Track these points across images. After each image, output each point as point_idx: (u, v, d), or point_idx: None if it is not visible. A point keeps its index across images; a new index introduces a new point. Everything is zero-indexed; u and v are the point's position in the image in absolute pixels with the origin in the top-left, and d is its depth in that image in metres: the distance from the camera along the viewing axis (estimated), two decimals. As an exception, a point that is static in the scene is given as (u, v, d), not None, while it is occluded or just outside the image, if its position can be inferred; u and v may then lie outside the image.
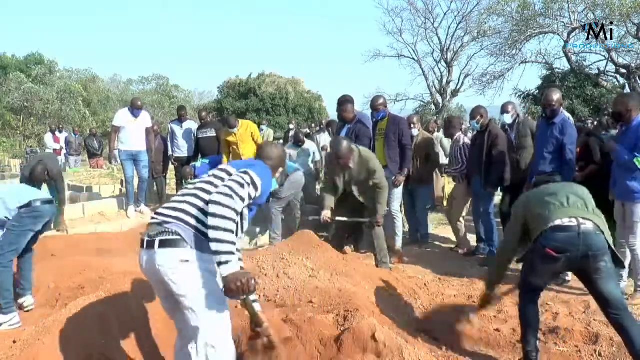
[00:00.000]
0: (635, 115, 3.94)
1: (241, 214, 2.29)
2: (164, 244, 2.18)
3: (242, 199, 2.20)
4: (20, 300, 4.00)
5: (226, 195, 2.14)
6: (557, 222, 2.74)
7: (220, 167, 2.49)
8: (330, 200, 4.72)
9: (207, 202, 2.19)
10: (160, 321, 3.15)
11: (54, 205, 4.02)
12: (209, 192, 2.26)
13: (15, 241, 3.80)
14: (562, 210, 2.79)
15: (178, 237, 2.17)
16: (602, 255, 2.69)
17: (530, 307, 2.94)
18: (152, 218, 2.32)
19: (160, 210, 2.33)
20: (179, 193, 2.41)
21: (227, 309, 2.28)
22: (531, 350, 2.93)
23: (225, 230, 2.08)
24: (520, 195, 3.31)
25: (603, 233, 2.73)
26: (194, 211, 2.24)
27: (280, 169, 2.74)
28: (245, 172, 2.30)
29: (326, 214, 4.66)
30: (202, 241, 2.18)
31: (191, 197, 2.31)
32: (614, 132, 6.15)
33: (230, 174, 2.35)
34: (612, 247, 2.78)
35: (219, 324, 2.23)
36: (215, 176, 2.39)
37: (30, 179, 5.32)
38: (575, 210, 2.79)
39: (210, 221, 2.10)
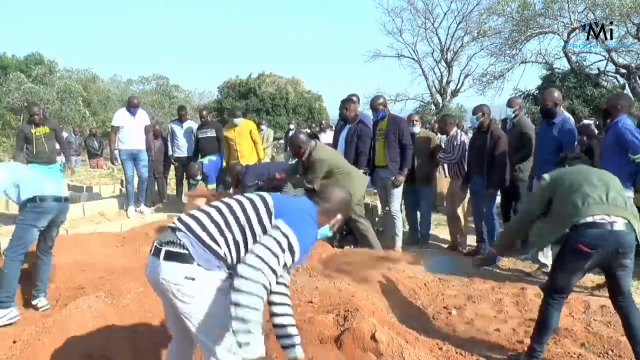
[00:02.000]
0: (618, 114, 4.07)
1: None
2: (169, 256, 2.05)
3: (274, 272, 1.95)
4: (34, 302, 3.98)
5: (256, 269, 1.90)
6: (590, 219, 2.76)
7: (260, 194, 2.21)
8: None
9: (226, 221, 2.05)
10: (160, 321, 3.15)
11: (62, 203, 3.93)
12: (233, 212, 2.10)
13: (21, 235, 3.77)
14: (599, 207, 2.78)
15: (185, 252, 2.03)
16: (630, 252, 2.79)
17: (554, 312, 2.94)
18: (173, 222, 2.18)
19: (181, 216, 2.20)
20: (210, 204, 2.21)
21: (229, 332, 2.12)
22: (539, 349, 2.95)
23: (249, 308, 1.85)
24: (554, 171, 3.16)
25: (634, 231, 2.79)
26: (211, 227, 2.07)
27: (339, 216, 2.32)
28: (284, 235, 2.00)
29: None
30: (210, 258, 2.04)
31: (215, 210, 2.14)
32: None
33: (268, 217, 2.08)
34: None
35: (221, 346, 2.09)
36: (252, 202, 2.14)
37: (30, 121, 5.97)
38: (612, 208, 2.79)
39: (234, 296, 1.87)
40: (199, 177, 6.91)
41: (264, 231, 2.06)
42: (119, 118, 7.04)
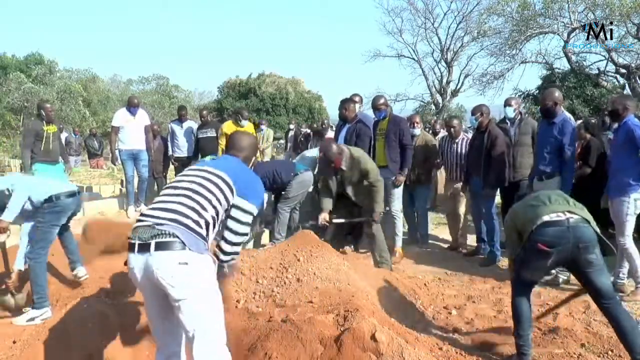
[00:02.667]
0: (627, 114, 4.08)
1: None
2: (160, 246, 2.09)
3: (246, 224, 2.42)
4: (73, 272, 4.16)
5: (238, 233, 2.41)
6: (546, 218, 2.82)
7: (213, 171, 2.39)
8: (328, 203, 4.72)
9: (201, 205, 2.23)
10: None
11: (77, 197, 4.03)
12: (202, 196, 2.27)
13: (43, 237, 3.84)
14: (548, 208, 2.88)
15: (176, 240, 2.10)
16: (592, 247, 2.77)
17: (522, 301, 2.98)
18: (140, 220, 2.21)
19: (148, 212, 2.24)
20: (166, 192, 2.34)
21: (222, 313, 2.24)
22: (523, 344, 2.96)
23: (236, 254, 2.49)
24: (508, 211, 3.34)
25: (590, 224, 2.80)
26: (191, 213, 2.20)
27: (253, 159, 2.73)
28: (250, 212, 2.41)
29: (324, 217, 4.67)
30: (200, 242, 2.16)
31: (184, 197, 2.25)
32: (610, 135, 6.20)
33: (231, 193, 2.36)
34: (602, 237, 2.84)
35: (217, 328, 2.18)
36: (214, 184, 2.34)
37: (43, 118, 6.23)
38: (560, 206, 2.87)
39: (227, 247, 2.42)
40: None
41: (227, 201, 2.35)
42: (119, 118, 7.04)
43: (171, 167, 8.39)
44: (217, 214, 2.30)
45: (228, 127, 7.11)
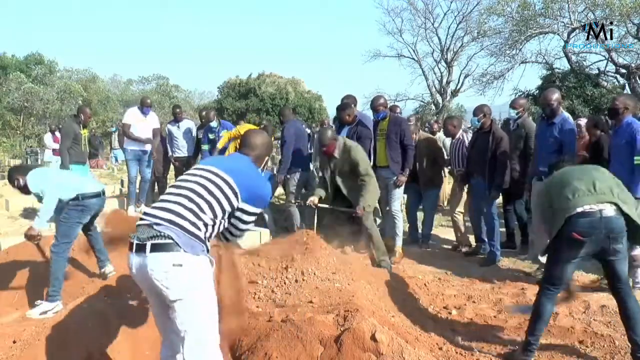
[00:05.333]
0: (626, 115, 4.10)
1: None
2: (155, 248, 2.11)
3: (249, 223, 2.47)
4: (102, 270, 4.32)
5: (239, 229, 2.46)
6: (580, 209, 2.92)
7: (214, 171, 2.35)
8: (320, 191, 4.92)
9: (200, 208, 2.22)
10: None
11: (102, 198, 4.20)
12: (203, 198, 2.24)
13: (66, 233, 3.98)
14: (588, 197, 2.95)
15: (171, 241, 2.11)
16: (621, 237, 2.92)
17: (547, 302, 3.07)
18: (141, 219, 2.24)
19: (149, 211, 2.26)
20: (169, 191, 2.34)
21: (216, 315, 2.25)
22: (534, 342, 3.04)
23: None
24: (547, 178, 3.41)
25: (623, 216, 2.91)
26: (188, 214, 2.19)
27: (267, 158, 2.65)
28: (254, 214, 2.43)
29: (313, 200, 4.84)
30: (195, 244, 2.16)
31: (184, 198, 2.24)
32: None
33: (235, 196, 2.33)
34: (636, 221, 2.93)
35: (210, 329, 2.19)
36: (215, 185, 2.30)
37: (80, 122, 6.43)
38: (600, 196, 2.95)
39: (230, 237, 2.51)
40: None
41: (231, 206, 2.32)
42: (131, 116, 7.05)
43: (171, 167, 8.38)
44: (217, 217, 2.28)
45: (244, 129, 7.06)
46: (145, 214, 2.27)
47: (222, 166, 2.39)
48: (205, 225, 2.22)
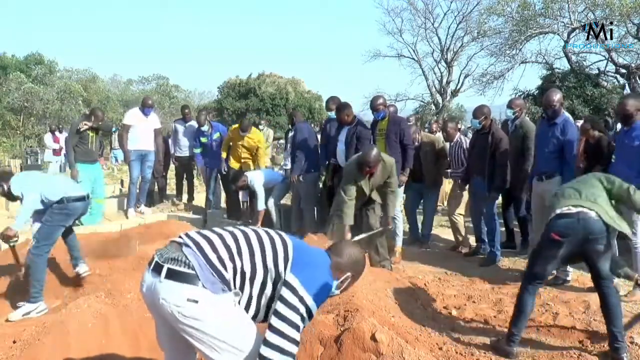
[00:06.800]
0: (638, 117, 4.03)
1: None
2: (172, 275, 1.88)
3: (296, 343, 1.93)
4: (75, 270, 4.28)
5: (283, 352, 1.88)
6: (559, 211, 3.09)
7: (280, 234, 2.12)
8: (350, 218, 4.55)
9: (239, 251, 1.97)
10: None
11: (86, 201, 4.18)
12: (248, 244, 2.00)
13: (48, 235, 3.98)
14: (570, 201, 3.11)
15: (191, 272, 1.88)
16: (601, 239, 3.00)
17: (529, 297, 3.17)
18: (179, 236, 2.04)
19: (190, 233, 2.06)
20: (222, 227, 2.14)
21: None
22: (517, 334, 3.14)
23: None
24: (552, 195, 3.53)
25: (602, 219, 2.98)
26: (223, 251, 1.96)
27: (349, 274, 2.15)
28: (302, 301, 1.92)
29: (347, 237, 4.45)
30: (217, 283, 1.90)
31: (228, 234, 2.04)
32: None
33: (284, 264, 2.00)
34: (616, 227, 3.01)
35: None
36: (271, 242, 2.05)
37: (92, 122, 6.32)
38: (583, 202, 3.06)
39: (272, 339, 1.89)
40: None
41: (276, 276, 2.00)
42: (132, 117, 7.02)
43: (171, 167, 8.40)
44: (254, 272, 1.98)
45: (233, 132, 7.02)
46: (185, 234, 2.05)
47: (295, 243, 2.11)
48: (235, 270, 1.95)
